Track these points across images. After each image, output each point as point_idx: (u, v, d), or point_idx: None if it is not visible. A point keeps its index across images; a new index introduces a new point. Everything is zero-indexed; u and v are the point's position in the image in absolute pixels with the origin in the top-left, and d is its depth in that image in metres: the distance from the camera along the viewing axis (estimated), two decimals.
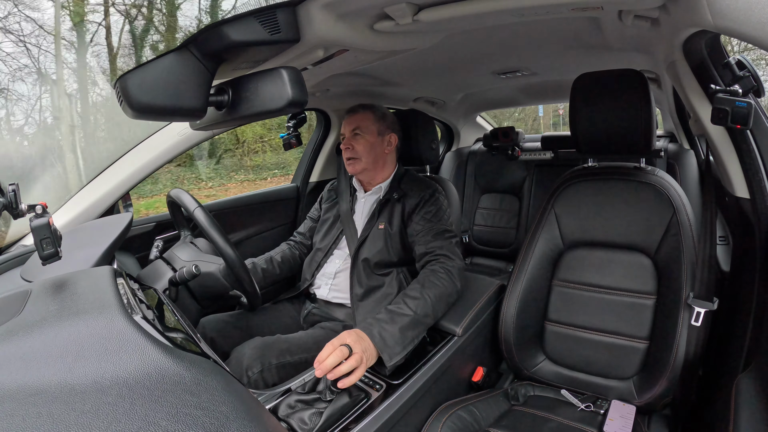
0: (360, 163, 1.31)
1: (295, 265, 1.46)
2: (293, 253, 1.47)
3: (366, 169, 1.32)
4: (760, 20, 0.52)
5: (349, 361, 0.84)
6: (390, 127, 1.37)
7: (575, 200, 1.18)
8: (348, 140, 1.32)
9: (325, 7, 0.75)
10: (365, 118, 1.33)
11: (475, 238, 2.47)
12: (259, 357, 1.01)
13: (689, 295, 0.97)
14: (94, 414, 0.39)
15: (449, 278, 1.11)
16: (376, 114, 1.34)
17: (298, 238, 1.51)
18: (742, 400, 0.68)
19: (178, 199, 1.09)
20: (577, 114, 1.13)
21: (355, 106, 1.37)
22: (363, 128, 1.31)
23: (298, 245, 1.49)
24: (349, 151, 1.31)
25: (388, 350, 0.92)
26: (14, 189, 0.64)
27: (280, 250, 1.46)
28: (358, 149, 1.30)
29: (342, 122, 1.37)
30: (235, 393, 0.48)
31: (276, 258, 1.41)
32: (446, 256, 1.16)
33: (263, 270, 1.35)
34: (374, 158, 1.33)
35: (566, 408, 1.08)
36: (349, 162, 1.32)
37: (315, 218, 1.51)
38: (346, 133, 1.33)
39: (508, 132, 2.34)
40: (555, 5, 0.81)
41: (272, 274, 1.38)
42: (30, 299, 0.58)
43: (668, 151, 1.98)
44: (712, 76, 0.86)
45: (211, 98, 0.65)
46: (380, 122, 1.34)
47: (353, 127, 1.32)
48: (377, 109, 1.36)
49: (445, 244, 1.19)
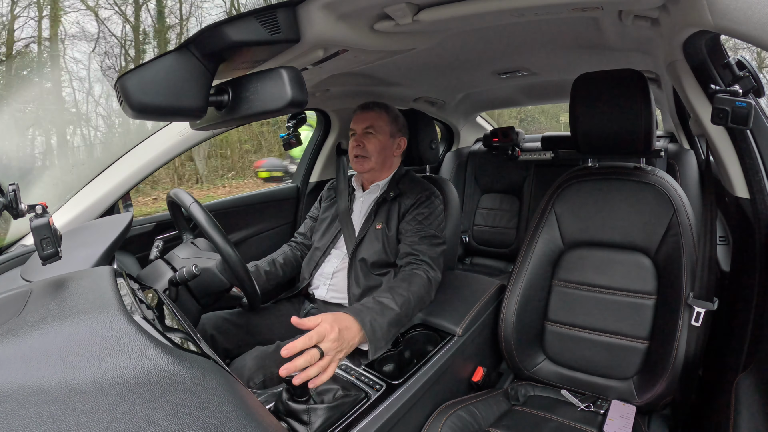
0: (369, 162, 1.30)
1: (297, 266, 1.46)
2: (295, 255, 1.46)
3: (373, 169, 1.32)
4: (760, 20, 0.52)
5: (319, 363, 0.76)
6: (401, 130, 1.37)
7: (575, 200, 1.18)
8: (359, 137, 1.30)
9: (325, 7, 0.75)
10: (380, 118, 1.31)
11: (475, 238, 2.47)
12: (261, 367, 1.01)
13: (689, 295, 0.97)
14: (94, 414, 0.39)
15: (429, 287, 1.12)
16: (390, 115, 1.33)
17: (299, 239, 1.51)
18: (742, 400, 0.68)
19: (177, 198, 1.09)
20: (577, 114, 1.13)
21: (369, 103, 1.34)
22: (377, 128, 1.30)
23: (299, 246, 1.49)
24: (359, 149, 1.30)
25: (376, 342, 0.90)
26: (14, 189, 0.64)
27: (282, 252, 1.46)
28: (369, 148, 1.29)
29: (353, 118, 1.35)
30: (235, 393, 0.48)
31: (278, 260, 1.41)
32: (429, 265, 1.16)
33: (266, 272, 1.35)
34: (383, 159, 1.32)
35: (566, 408, 1.08)
36: (357, 160, 1.31)
37: (315, 217, 1.50)
38: (358, 129, 1.31)
39: (508, 132, 2.34)
40: (555, 5, 0.81)
41: (275, 276, 1.38)
42: (30, 299, 0.58)
43: (668, 151, 1.98)
44: (712, 76, 0.86)
45: (211, 98, 0.65)
46: (393, 124, 1.33)
47: (367, 125, 1.30)
48: (391, 110, 1.35)
49: (431, 251, 1.19)
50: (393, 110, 1.36)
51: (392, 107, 1.37)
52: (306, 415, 0.78)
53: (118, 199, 1.29)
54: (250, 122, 0.86)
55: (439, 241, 1.23)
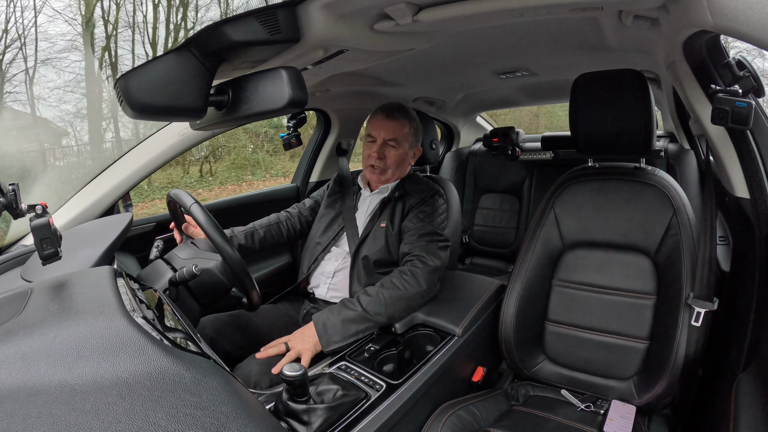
0: (386, 174, 1.30)
1: (279, 241, 1.43)
2: (280, 229, 1.43)
3: (389, 179, 1.32)
4: (760, 20, 0.52)
5: (287, 356, 1.00)
6: (419, 139, 1.35)
7: (575, 200, 1.18)
8: (380, 148, 1.27)
9: (325, 7, 0.75)
10: (404, 129, 1.28)
11: (475, 238, 2.47)
12: (267, 373, 1.01)
13: (689, 295, 0.97)
14: (95, 414, 0.39)
15: (413, 280, 1.13)
16: (413, 125, 1.31)
17: (296, 212, 1.47)
18: (742, 400, 0.68)
19: (177, 198, 1.09)
20: (577, 114, 1.13)
21: (392, 110, 1.29)
22: (400, 140, 1.27)
23: (292, 221, 1.46)
24: (377, 160, 1.27)
25: (326, 337, 1.02)
26: (14, 189, 0.64)
27: (267, 222, 1.42)
28: (389, 161, 1.28)
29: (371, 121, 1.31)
30: (235, 393, 0.48)
31: (258, 232, 1.38)
32: (420, 258, 1.16)
33: (240, 246, 1.33)
34: (401, 170, 1.32)
35: (566, 408, 1.08)
36: (374, 170, 1.29)
37: (318, 201, 1.49)
38: (379, 138, 1.27)
39: (507, 132, 2.34)
40: (555, 5, 0.81)
41: (250, 251, 1.36)
42: (30, 299, 0.58)
43: (668, 151, 1.98)
44: (712, 76, 0.86)
45: (211, 98, 0.65)
46: (415, 136, 1.32)
47: (390, 136, 1.27)
48: (414, 120, 1.32)
49: (427, 245, 1.19)
50: (416, 119, 1.33)
51: (414, 115, 1.33)
52: (306, 415, 0.78)
53: (118, 199, 1.28)
54: (251, 122, 0.86)
55: (438, 237, 1.23)
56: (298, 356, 1.01)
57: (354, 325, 1.05)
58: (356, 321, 1.06)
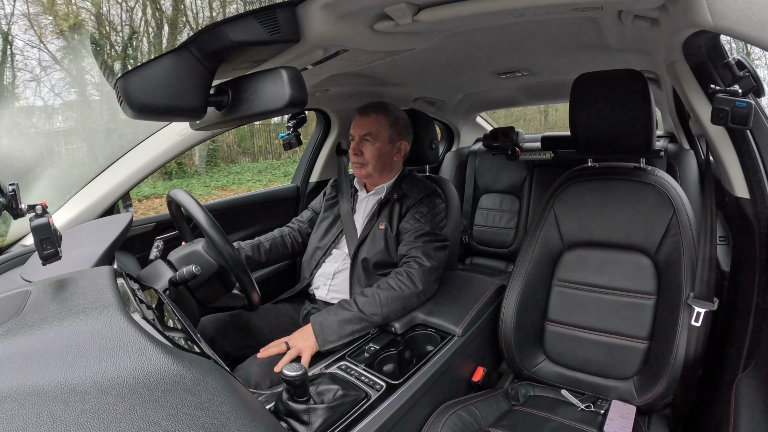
0: (366, 169, 1.30)
1: (284, 254, 1.44)
2: (285, 242, 1.44)
3: (371, 174, 1.32)
4: (760, 20, 0.52)
5: (288, 354, 1.02)
6: (402, 133, 1.34)
7: (575, 200, 1.18)
8: (357, 145, 1.29)
9: (325, 7, 0.75)
10: (378, 123, 1.29)
11: (475, 238, 2.47)
12: (268, 374, 1.01)
13: (689, 295, 0.97)
14: (95, 414, 0.39)
15: (409, 281, 1.14)
16: (389, 118, 1.30)
17: (296, 226, 1.49)
18: (742, 400, 0.68)
19: (177, 198, 1.09)
20: (577, 114, 1.13)
21: (367, 107, 1.31)
22: (374, 134, 1.28)
23: (294, 234, 1.47)
24: (357, 156, 1.29)
25: (323, 336, 1.04)
26: (14, 189, 0.64)
27: (272, 236, 1.44)
28: (367, 156, 1.28)
29: (352, 122, 1.33)
30: (235, 393, 0.48)
31: (264, 245, 1.39)
32: (416, 259, 1.17)
33: (248, 258, 1.34)
34: (382, 165, 1.31)
35: (566, 408, 1.08)
36: (356, 165, 1.31)
37: (317, 210, 1.49)
38: (356, 135, 1.30)
39: (507, 132, 2.34)
40: (555, 5, 0.81)
41: (257, 263, 1.36)
42: (30, 299, 0.58)
43: (668, 151, 1.98)
44: (712, 76, 0.86)
45: (211, 98, 0.65)
46: (393, 128, 1.31)
47: (364, 132, 1.28)
48: (390, 113, 1.31)
49: (424, 246, 1.19)
50: (393, 113, 1.32)
51: (393, 109, 1.33)
52: (306, 415, 0.78)
53: (118, 199, 1.28)
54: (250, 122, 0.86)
55: (435, 237, 1.23)
56: (299, 354, 1.02)
57: (350, 326, 1.06)
58: (352, 321, 1.07)
